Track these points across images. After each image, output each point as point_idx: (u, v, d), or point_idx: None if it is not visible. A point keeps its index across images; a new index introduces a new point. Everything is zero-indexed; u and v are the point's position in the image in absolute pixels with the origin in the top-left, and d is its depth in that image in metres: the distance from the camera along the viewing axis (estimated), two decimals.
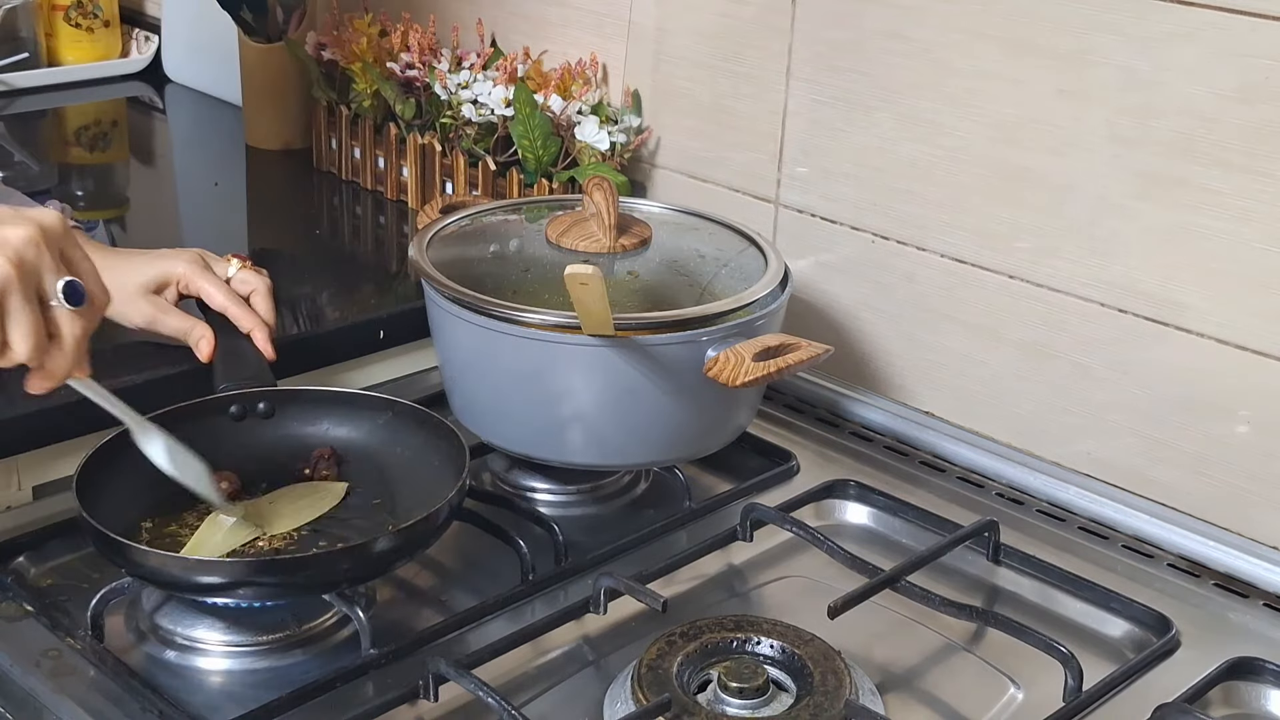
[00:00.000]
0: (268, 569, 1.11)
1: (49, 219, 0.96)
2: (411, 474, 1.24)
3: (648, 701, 1.04)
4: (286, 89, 1.99)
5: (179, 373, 1.35)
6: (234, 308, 1.34)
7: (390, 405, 1.28)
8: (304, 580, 1.12)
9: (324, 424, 1.30)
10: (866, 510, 1.36)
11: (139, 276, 1.33)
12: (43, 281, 0.95)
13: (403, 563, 1.18)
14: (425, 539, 1.16)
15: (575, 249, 1.35)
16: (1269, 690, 1.14)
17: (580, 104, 1.65)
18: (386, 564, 1.15)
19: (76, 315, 0.97)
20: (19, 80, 2.26)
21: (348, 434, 1.29)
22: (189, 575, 1.10)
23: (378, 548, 1.12)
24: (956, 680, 1.15)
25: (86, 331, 0.99)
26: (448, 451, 1.22)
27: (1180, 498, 1.32)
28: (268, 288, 1.38)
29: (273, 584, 1.11)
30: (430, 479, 1.21)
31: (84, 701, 1.07)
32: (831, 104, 1.49)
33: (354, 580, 1.14)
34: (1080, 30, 1.29)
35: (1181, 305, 1.29)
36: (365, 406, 1.29)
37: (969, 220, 1.41)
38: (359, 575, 1.14)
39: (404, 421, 1.27)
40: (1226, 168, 1.23)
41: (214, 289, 1.34)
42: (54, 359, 0.97)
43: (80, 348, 0.98)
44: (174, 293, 1.35)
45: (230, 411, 1.28)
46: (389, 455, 1.27)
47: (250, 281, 1.37)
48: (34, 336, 0.94)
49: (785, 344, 1.24)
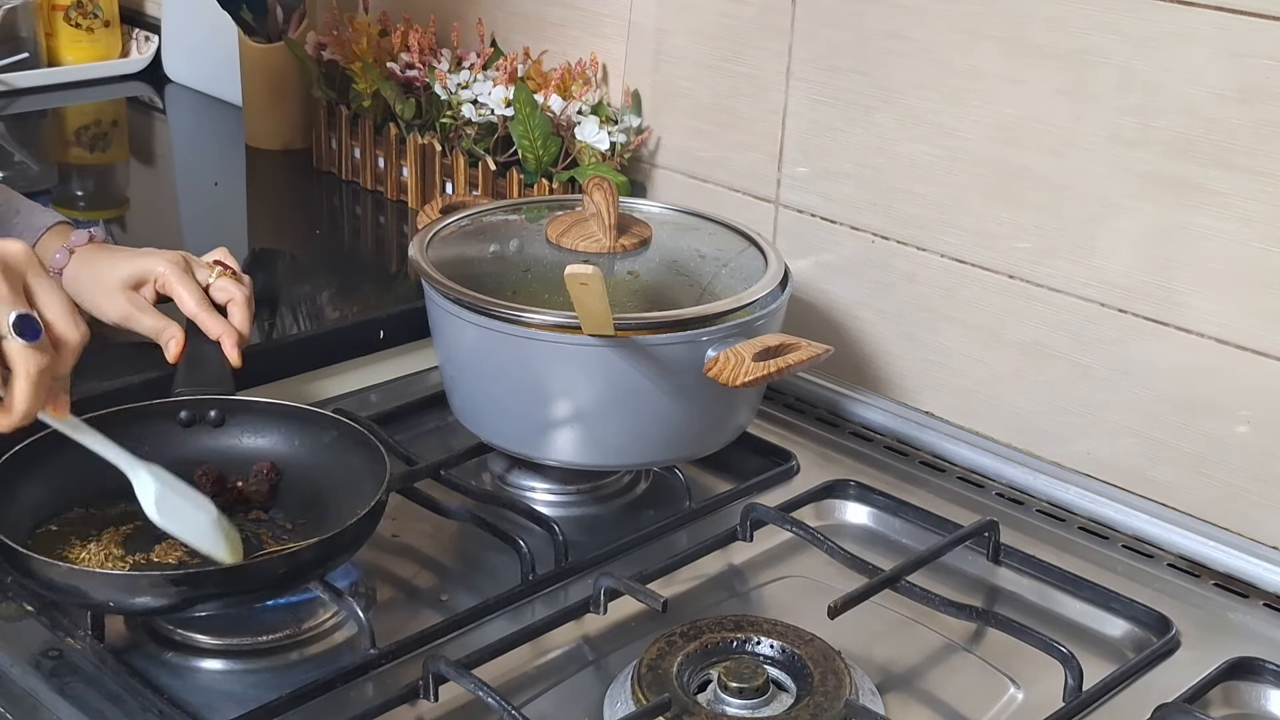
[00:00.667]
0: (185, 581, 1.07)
1: (12, 250, 0.94)
2: (344, 496, 1.20)
3: (648, 701, 1.04)
4: (286, 89, 1.99)
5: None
6: (203, 314, 1.32)
7: (336, 424, 1.25)
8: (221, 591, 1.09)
9: (270, 437, 1.27)
10: (866, 510, 1.36)
11: (119, 272, 1.33)
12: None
13: (311, 577, 1.13)
14: (310, 566, 1.11)
15: (575, 249, 1.35)
16: (1269, 690, 1.14)
17: (580, 104, 1.65)
18: (294, 579, 1.11)
19: (33, 351, 0.94)
20: (19, 80, 2.26)
21: (292, 449, 1.26)
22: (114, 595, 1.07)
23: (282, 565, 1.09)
24: (956, 680, 1.15)
25: (46, 369, 0.95)
26: (378, 475, 1.17)
27: (1180, 498, 1.32)
28: (245, 297, 1.36)
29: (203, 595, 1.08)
30: (358, 503, 1.15)
31: (84, 701, 1.07)
32: (831, 104, 1.49)
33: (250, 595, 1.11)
34: (1080, 30, 1.29)
35: (1181, 305, 1.29)
36: (312, 423, 1.26)
37: (969, 220, 1.41)
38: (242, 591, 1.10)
39: (347, 442, 1.24)
40: (1227, 168, 1.23)
41: (187, 294, 1.33)
42: (10, 395, 0.94)
43: (38, 385, 0.95)
44: (151, 292, 1.35)
45: (180, 417, 1.25)
46: (327, 474, 1.24)
47: (229, 290, 1.35)
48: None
49: (785, 344, 1.24)
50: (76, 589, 1.07)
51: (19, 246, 0.96)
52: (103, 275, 1.31)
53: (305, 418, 1.27)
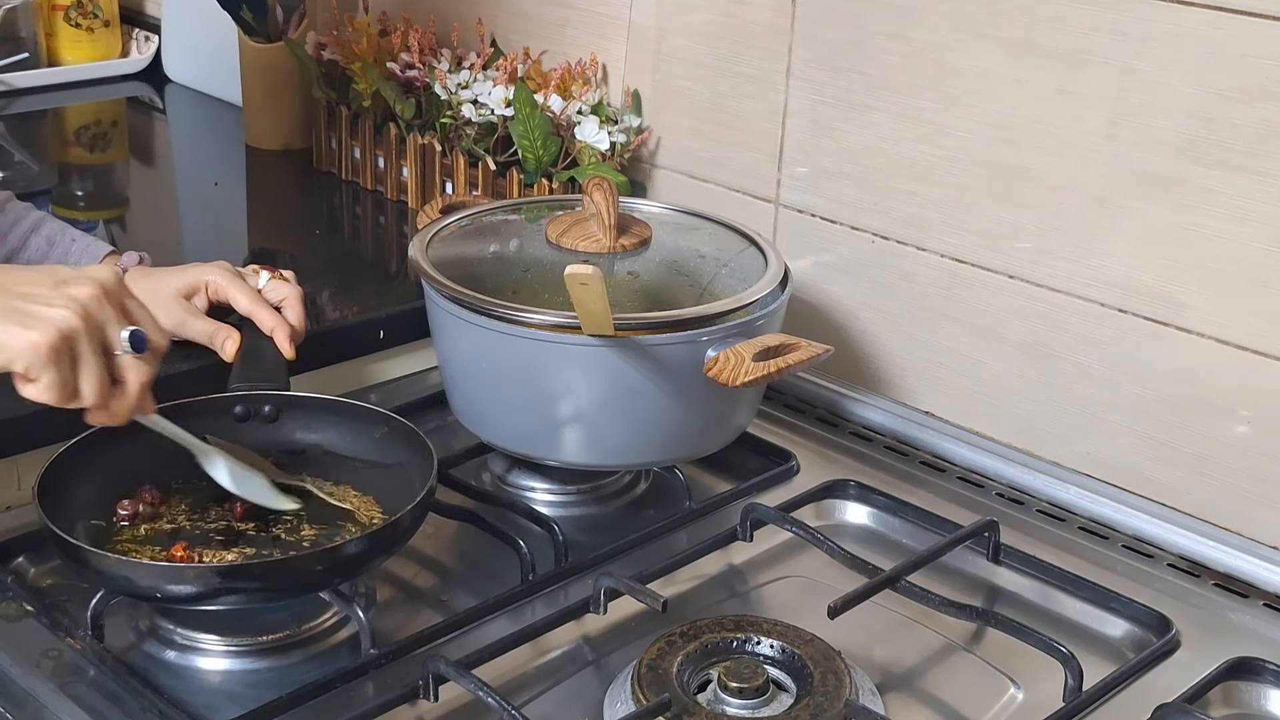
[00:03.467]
0: (239, 574, 1.11)
1: (108, 276, 1.05)
2: (390, 488, 1.23)
3: (648, 701, 1.04)
4: (286, 89, 1.99)
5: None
6: (258, 309, 1.36)
7: (386, 420, 1.28)
8: (282, 583, 1.12)
9: (323, 432, 1.30)
10: (866, 510, 1.37)
11: (173, 284, 1.38)
12: (106, 333, 1.04)
13: (373, 565, 1.17)
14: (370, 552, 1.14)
15: (575, 249, 1.35)
16: (1269, 690, 1.14)
17: (580, 104, 1.65)
18: (356, 567, 1.14)
19: (140, 362, 1.06)
20: (19, 80, 2.26)
21: (344, 443, 1.29)
22: (160, 584, 1.10)
23: (347, 551, 1.12)
24: (956, 680, 1.15)
25: (150, 376, 1.07)
26: (423, 471, 1.20)
27: (1180, 498, 1.32)
28: (299, 295, 1.40)
29: (248, 589, 1.10)
30: (404, 498, 1.18)
31: (84, 701, 1.07)
32: (831, 104, 1.49)
33: (322, 584, 1.14)
34: (1080, 30, 1.29)
35: (1181, 305, 1.29)
36: (363, 418, 1.29)
37: (969, 220, 1.41)
38: (325, 579, 1.13)
39: (396, 437, 1.27)
40: (1226, 168, 1.23)
41: (240, 293, 1.37)
42: (118, 402, 1.06)
43: (143, 391, 1.07)
44: (204, 299, 1.38)
45: (235, 412, 1.29)
46: (375, 468, 1.27)
47: (281, 290, 1.39)
48: (99, 384, 1.03)
49: (785, 344, 1.25)
50: (125, 578, 1.10)
51: (109, 272, 1.06)
52: (157, 288, 1.36)
53: (357, 413, 1.30)
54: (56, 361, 1.00)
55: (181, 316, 1.36)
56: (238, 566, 1.12)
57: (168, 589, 1.09)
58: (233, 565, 1.13)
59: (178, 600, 1.11)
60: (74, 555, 1.11)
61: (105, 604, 1.13)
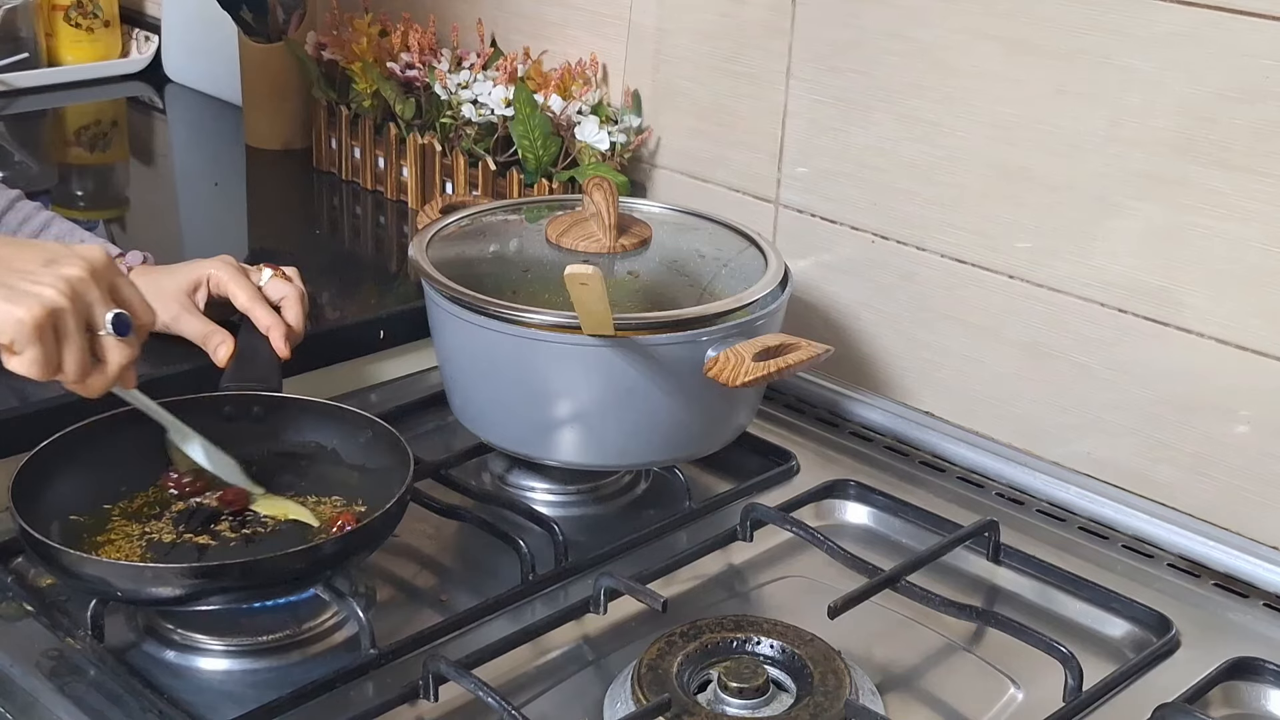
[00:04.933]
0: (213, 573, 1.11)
1: (98, 255, 1.07)
2: (374, 492, 1.22)
3: (648, 701, 1.04)
4: (286, 89, 1.99)
5: (190, 369, 1.36)
6: (255, 307, 1.37)
7: (371, 425, 1.28)
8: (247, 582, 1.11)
9: (308, 434, 1.30)
10: (866, 510, 1.37)
11: (175, 280, 1.38)
12: (92, 313, 1.06)
13: (347, 564, 1.17)
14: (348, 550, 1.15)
15: (575, 249, 1.35)
16: (1269, 690, 1.14)
17: (580, 104, 1.65)
18: (328, 565, 1.14)
19: (122, 344, 1.07)
20: (19, 80, 2.26)
21: (332, 446, 1.29)
22: (140, 586, 1.10)
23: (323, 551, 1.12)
24: (956, 680, 1.15)
25: (131, 358, 1.09)
26: (401, 478, 1.19)
27: (1180, 498, 1.32)
28: (299, 295, 1.40)
29: (224, 588, 1.10)
30: (384, 499, 1.18)
31: (84, 701, 1.07)
32: (831, 104, 1.49)
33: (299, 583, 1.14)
34: (1080, 30, 1.29)
35: (1181, 305, 1.29)
36: (349, 422, 1.29)
37: (969, 220, 1.41)
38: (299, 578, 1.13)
39: (380, 443, 1.26)
40: (1227, 168, 1.23)
41: (240, 289, 1.37)
42: (95, 380, 1.08)
43: (123, 371, 1.08)
44: (204, 294, 1.38)
45: (224, 411, 1.29)
46: (357, 472, 1.27)
47: (282, 288, 1.40)
48: (80, 361, 1.06)
49: (785, 344, 1.24)
50: (102, 580, 1.10)
51: (98, 251, 1.08)
52: (160, 284, 1.37)
53: (344, 416, 1.29)
54: (41, 337, 1.03)
55: (177, 312, 1.36)
56: (214, 567, 1.12)
57: (139, 590, 1.09)
58: (208, 565, 1.13)
59: (149, 601, 1.11)
60: (42, 553, 1.11)
61: (105, 604, 1.13)
